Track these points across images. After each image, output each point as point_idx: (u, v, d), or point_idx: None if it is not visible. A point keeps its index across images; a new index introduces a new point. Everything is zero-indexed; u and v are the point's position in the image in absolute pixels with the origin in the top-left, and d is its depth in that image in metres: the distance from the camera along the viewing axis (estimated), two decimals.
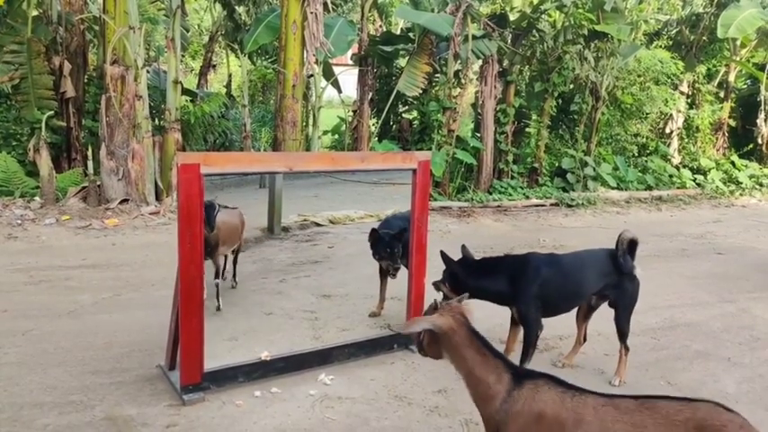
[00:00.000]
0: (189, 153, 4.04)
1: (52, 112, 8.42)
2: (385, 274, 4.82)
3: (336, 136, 12.57)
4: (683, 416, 2.06)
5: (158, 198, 8.21)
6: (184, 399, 3.48)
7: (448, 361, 2.40)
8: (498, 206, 9.97)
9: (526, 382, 2.21)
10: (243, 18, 12.14)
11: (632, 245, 4.03)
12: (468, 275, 3.92)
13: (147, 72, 8.87)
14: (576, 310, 4.19)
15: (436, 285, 4.03)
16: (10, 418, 3.26)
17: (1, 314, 4.68)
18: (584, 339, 4.30)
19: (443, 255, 4.01)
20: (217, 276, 4.67)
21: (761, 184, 13.47)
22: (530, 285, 3.88)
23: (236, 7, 11.44)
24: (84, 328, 4.46)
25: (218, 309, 4.70)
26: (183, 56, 10.64)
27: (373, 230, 4.70)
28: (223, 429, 3.24)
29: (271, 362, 3.83)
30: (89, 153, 8.38)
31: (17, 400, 3.44)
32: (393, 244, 4.59)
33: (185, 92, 9.64)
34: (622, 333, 4.03)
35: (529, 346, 3.94)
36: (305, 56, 8.78)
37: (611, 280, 4.01)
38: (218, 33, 12.69)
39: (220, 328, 4.33)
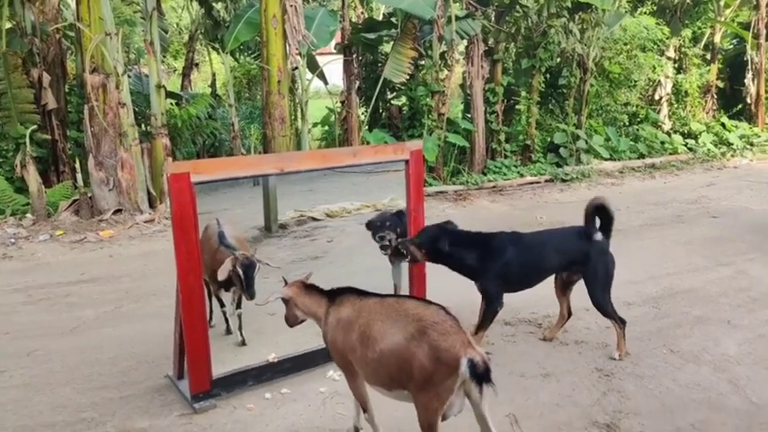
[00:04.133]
0: (178, 162, 4.01)
1: (35, 126, 8.32)
2: (397, 261, 4.69)
3: (326, 127, 12.50)
4: (413, 311, 2.65)
5: (152, 205, 8.15)
6: (195, 407, 3.49)
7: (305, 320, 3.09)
8: (493, 187, 9.97)
9: (336, 300, 2.94)
10: (222, 15, 11.99)
11: (602, 212, 4.06)
12: (447, 244, 4.04)
13: (129, 77, 8.77)
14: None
15: (404, 245, 4.11)
16: None
17: (2, 336, 4.66)
18: (569, 314, 4.34)
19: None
20: (239, 306, 4.20)
21: (751, 144, 13.51)
22: (494, 264, 4.03)
23: (214, 4, 11.28)
24: (88, 344, 4.46)
25: (244, 343, 4.19)
26: (164, 57, 10.51)
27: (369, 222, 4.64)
28: None
29: (278, 363, 3.84)
30: (77, 165, 8.30)
31: (27, 422, 3.43)
32: (392, 221, 4.53)
33: (170, 95, 9.54)
34: (600, 308, 4.05)
35: (486, 320, 4.09)
36: (288, 50, 8.70)
37: (577, 257, 4.05)
38: (198, 32, 12.55)
39: (225, 336, 4.31)
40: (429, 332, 2.54)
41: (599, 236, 4.02)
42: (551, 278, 4.27)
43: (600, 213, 4.08)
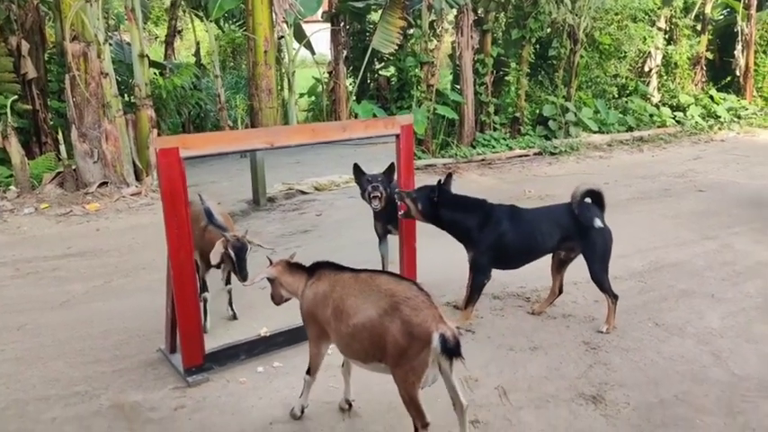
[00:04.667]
0: (166, 138, 3.96)
1: (16, 96, 8.14)
2: (384, 236, 4.74)
3: (313, 98, 12.36)
4: (386, 287, 2.70)
5: (138, 178, 8.05)
6: (189, 381, 3.52)
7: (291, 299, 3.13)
8: (482, 160, 9.97)
9: (314, 274, 3.01)
10: None
11: (594, 196, 4.07)
12: (444, 205, 4.07)
13: (110, 45, 8.56)
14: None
15: (400, 196, 4.13)
16: (16, 414, 3.27)
17: None
18: (560, 291, 4.37)
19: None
20: (228, 282, 4.20)
21: (739, 117, 13.58)
22: (488, 236, 4.04)
23: None
24: (78, 319, 4.45)
25: (235, 317, 4.21)
26: (144, 24, 10.24)
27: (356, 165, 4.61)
28: (230, 407, 3.30)
29: (270, 337, 3.87)
30: (59, 136, 8.17)
31: (21, 395, 3.44)
32: (382, 177, 4.48)
33: (153, 64, 9.36)
34: (599, 284, 4.09)
35: (473, 293, 4.12)
36: (274, 19, 8.53)
37: (573, 234, 4.05)
38: None
39: (217, 308, 4.32)
40: (401, 307, 2.59)
41: (598, 222, 4.00)
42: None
43: (590, 195, 4.08)
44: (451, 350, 2.49)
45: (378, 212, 4.60)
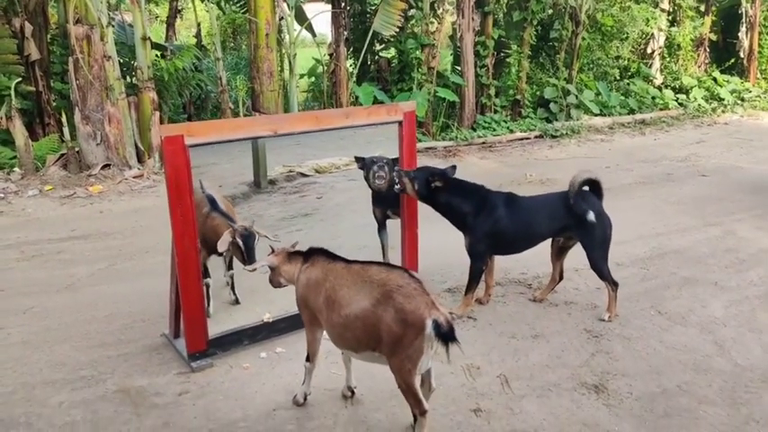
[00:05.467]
0: (171, 125, 3.94)
1: (20, 77, 8.10)
2: (383, 222, 4.74)
3: (313, 79, 12.28)
4: (378, 277, 2.72)
5: (140, 161, 8.05)
6: (193, 366, 3.55)
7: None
8: (483, 143, 9.94)
9: (309, 260, 3.04)
10: None
11: (592, 184, 4.04)
12: (442, 188, 4.07)
13: (112, 27, 8.51)
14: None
15: (398, 174, 4.15)
16: (23, 398, 3.30)
17: None
18: (561, 278, 4.37)
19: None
20: (230, 268, 4.24)
21: (742, 99, 13.50)
22: (483, 223, 4.04)
23: None
24: (84, 302, 4.48)
25: (237, 302, 4.27)
26: (146, 3, 10.15)
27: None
28: (234, 392, 3.32)
29: (273, 323, 3.89)
30: (63, 118, 8.14)
31: (28, 379, 3.47)
32: (387, 161, 4.46)
33: (154, 46, 9.29)
34: (598, 272, 4.08)
35: (471, 280, 4.14)
36: (275, 1, 8.46)
37: (570, 223, 4.03)
38: None
39: (219, 293, 4.35)
40: (394, 296, 2.61)
41: (591, 215, 3.96)
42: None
43: (588, 183, 4.06)
44: (446, 335, 2.51)
45: (377, 198, 4.61)
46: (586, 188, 4.07)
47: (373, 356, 2.80)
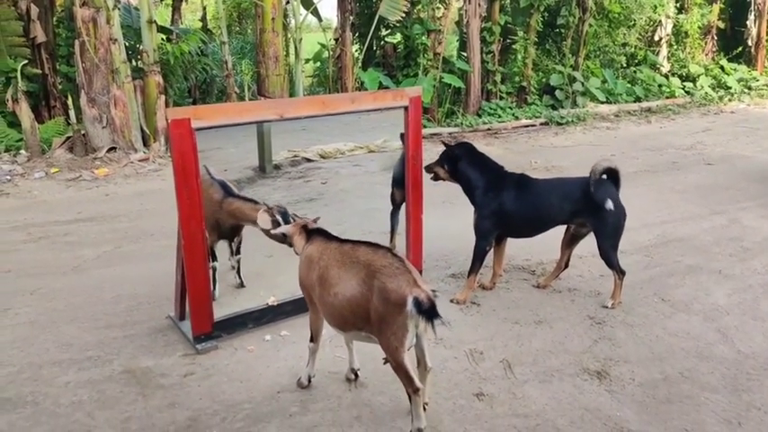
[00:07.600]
0: (178, 108, 3.94)
1: (26, 60, 8.10)
2: (400, 205, 4.69)
3: (318, 64, 12.24)
4: (364, 257, 2.79)
5: (146, 144, 8.06)
6: (198, 348, 3.58)
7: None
8: (488, 129, 9.91)
9: (310, 239, 3.10)
10: None
11: (611, 173, 4.01)
12: (462, 161, 4.15)
13: (118, 9, 8.49)
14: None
15: (429, 168, 4.25)
16: (30, 377, 3.33)
17: (5, 274, 4.70)
18: (566, 265, 4.36)
19: (446, 144, 4.33)
20: (238, 252, 4.31)
21: (749, 88, 13.41)
22: (491, 201, 4.06)
23: None
24: (90, 283, 4.51)
25: (242, 285, 4.34)
26: None
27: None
28: (238, 375, 3.35)
29: (278, 306, 3.91)
30: (68, 101, 8.16)
31: (35, 359, 3.50)
32: None
33: (160, 29, 9.26)
34: (607, 260, 4.07)
35: (474, 260, 4.14)
36: None
37: (584, 209, 4.00)
38: None
39: (225, 276, 4.38)
40: (378, 275, 2.67)
41: (610, 203, 3.93)
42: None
43: (607, 172, 4.04)
44: (427, 312, 2.54)
45: (398, 181, 4.57)
46: (605, 177, 4.03)
47: (359, 336, 2.86)
